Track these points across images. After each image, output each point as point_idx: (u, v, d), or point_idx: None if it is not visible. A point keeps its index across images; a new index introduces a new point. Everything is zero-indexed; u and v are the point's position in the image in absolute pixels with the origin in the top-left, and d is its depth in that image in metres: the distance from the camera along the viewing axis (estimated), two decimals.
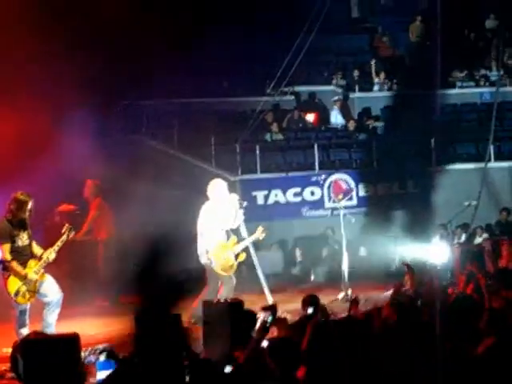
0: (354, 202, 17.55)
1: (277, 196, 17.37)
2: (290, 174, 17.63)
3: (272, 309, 6.86)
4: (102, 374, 7.15)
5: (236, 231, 11.50)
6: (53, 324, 9.55)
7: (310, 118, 19.74)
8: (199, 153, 17.07)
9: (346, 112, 20.10)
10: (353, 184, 17.68)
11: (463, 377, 5.98)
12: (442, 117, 18.91)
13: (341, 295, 12.79)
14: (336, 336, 6.34)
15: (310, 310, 8.15)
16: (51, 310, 9.57)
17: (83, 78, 13.63)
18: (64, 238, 9.66)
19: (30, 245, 9.59)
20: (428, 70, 9.46)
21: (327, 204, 17.43)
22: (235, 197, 11.48)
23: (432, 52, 13.78)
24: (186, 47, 16.63)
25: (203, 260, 11.13)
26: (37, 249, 9.69)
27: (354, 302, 8.83)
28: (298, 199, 17.50)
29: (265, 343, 6.30)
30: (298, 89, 20.02)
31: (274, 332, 7.07)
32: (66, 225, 9.86)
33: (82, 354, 7.78)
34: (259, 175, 17.50)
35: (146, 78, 16.07)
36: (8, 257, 9.42)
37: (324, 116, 20.06)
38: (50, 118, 13.42)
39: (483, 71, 21.55)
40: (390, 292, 10.62)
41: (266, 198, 17.26)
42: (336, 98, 20.16)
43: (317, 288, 13.27)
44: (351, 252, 14.12)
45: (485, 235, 15.94)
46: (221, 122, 17.89)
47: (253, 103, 18.34)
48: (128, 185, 13.95)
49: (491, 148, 16.51)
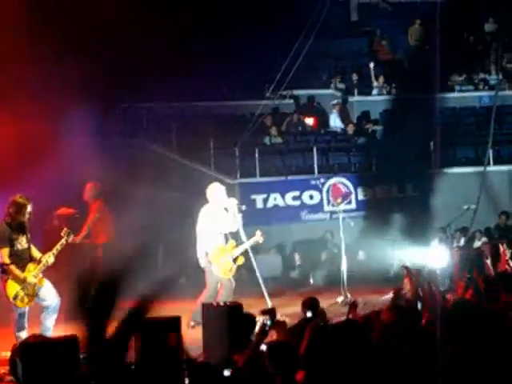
0: (353, 205, 17.53)
1: (276, 199, 17.34)
2: (289, 178, 17.62)
3: (271, 312, 6.85)
4: None
5: (235, 235, 11.50)
6: (51, 328, 9.55)
7: (309, 121, 19.75)
8: (198, 156, 17.05)
9: (344, 116, 20.11)
10: (352, 188, 17.67)
11: (463, 382, 5.97)
12: (441, 120, 18.89)
13: (340, 299, 12.80)
14: (335, 340, 6.32)
15: (309, 314, 8.14)
16: (49, 314, 9.57)
17: (82, 81, 13.62)
18: (63, 241, 9.66)
19: (28, 248, 9.58)
20: (427, 74, 9.42)
21: (326, 208, 17.41)
22: (234, 201, 11.48)
23: (431, 55, 13.83)
24: (186, 47, 16.63)
25: (202, 263, 11.14)
26: (36, 252, 9.68)
27: (353, 306, 8.82)
28: (297, 203, 17.47)
29: (264, 347, 6.30)
30: (297, 92, 20.04)
31: (273, 335, 7.06)
32: (65, 229, 9.85)
33: (81, 356, 7.77)
34: (258, 179, 17.47)
35: (145, 81, 16.06)
36: (7, 260, 9.41)
37: (323, 120, 20.07)
38: (48, 121, 13.41)
39: (482, 75, 21.57)
40: (388, 296, 10.58)
41: (265, 201, 17.24)
42: (335, 101, 20.17)
43: (316, 292, 13.21)
44: (350, 256, 14.12)
45: (484, 239, 15.92)
46: (220, 125, 17.91)
47: (252, 107, 18.33)
48: (127, 188, 13.92)
49: (490, 152, 16.54)
